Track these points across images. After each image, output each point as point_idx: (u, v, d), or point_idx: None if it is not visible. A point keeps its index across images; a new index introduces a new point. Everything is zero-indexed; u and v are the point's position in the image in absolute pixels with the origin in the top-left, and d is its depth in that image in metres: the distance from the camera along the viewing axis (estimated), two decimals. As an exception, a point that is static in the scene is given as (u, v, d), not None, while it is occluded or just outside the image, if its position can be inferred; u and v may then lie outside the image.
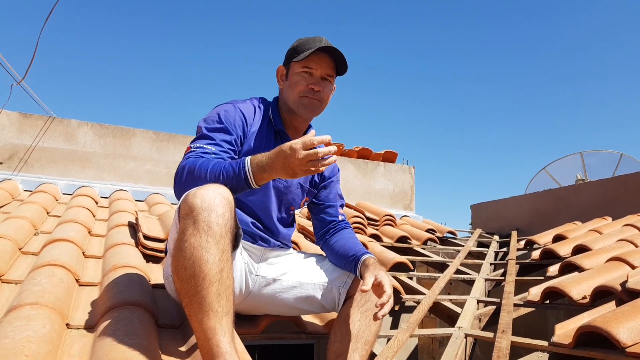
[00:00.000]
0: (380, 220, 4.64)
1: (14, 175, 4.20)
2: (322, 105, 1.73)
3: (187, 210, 1.24)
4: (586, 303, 2.23)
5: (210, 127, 1.59)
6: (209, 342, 1.16)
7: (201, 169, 1.41)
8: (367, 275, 1.54)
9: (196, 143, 1.55)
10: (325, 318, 2.11)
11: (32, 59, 4.11)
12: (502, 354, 1.80)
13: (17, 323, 1.26)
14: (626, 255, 2.56)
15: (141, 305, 1.52)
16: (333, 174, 1.94)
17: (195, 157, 1.47)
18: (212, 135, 1.57)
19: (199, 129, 1.60)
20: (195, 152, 1.51)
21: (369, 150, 6.13)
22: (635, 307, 1.74)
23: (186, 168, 1.43)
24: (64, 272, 1.82)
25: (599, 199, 4.84)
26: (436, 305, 2.62)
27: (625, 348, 1.56)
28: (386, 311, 1.47)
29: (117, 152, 4.62)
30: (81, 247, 2.33)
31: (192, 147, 1.54)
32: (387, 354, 1.83)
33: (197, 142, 1.56)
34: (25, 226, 2.62)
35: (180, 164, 1.48)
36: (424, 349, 3.70)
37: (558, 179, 7.81)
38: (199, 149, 1.52)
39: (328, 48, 1.64)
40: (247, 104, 1.72)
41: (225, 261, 1.23)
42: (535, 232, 4.63)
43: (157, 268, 2.29)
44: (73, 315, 1.54)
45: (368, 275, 1.53)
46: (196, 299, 1.18)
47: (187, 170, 1.43)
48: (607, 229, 3.73)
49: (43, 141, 4.38)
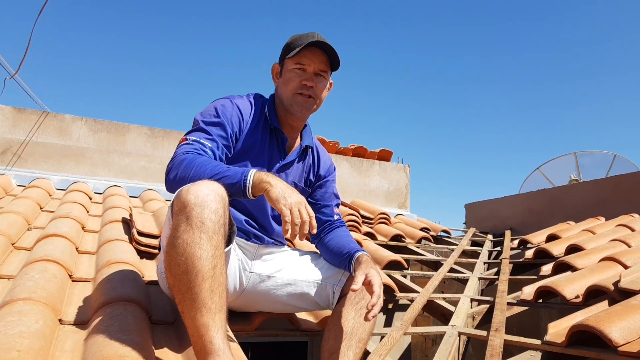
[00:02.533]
0: (375, 219, 4.64)
1: (7, 170, 4.17)
2: (317, 102, 1.72)
3: (181, 207, 1.23)
4: (579, 302, 2.24)
5: (207, 121, 1.58)
6: (202, 339, 1.16)
7: (200, 168, 1.39)
8: (358, 274, 1.53)
9: (192, 135, 1.54)
10: (319, 316, 2.11)
11: (26, 52, 4.10)
12: (495, 352, 1.80)
13: (10, 318, 1.25)
14: (619, 255, 2.57)
15: (135, 301, 1.52)
16: (329, 173, 1.93)
17: (194, 153, 1.46)
18: (209, 130, 1.56)
19: (196, 121, 1.60)
20: (192, 145, 1.50)
21: (364, 148, 6.13)
22: (628, 307, 1.75)
23: (184, 164, 1.42)
24: (57, 268, 1.81)
25: (593, 199, 4.86)
26: (430, 303, 2.63)
27: (618, 347, 1.57)
28: (376, 312, 1.47)
29: (111, 148, 4.60)
30: (75, 243, 2.32)
31: (188, 139, 1.53)
32: (381, 351, 1.83)
33: (194, 134, 1.55)
34: (19, 221, 2.60)
35: (175, 156, 1.46)
36: (417, 347, 3.71)
37: (552, 179, 7.84)
38: (196, 143, 1.51)
39: (320, 43, 1.63)
40: (244, 100, 1.72)
41: (218, 257, 1.22)
42: (529, 231, 4.65)
43: (151, 264, 2.29)
44: (66, 311, 1.53)
45: (359, 274, 1.53)
46: (189, 295, 1.18)
47: (184, 165, 1.41)
48: (600, 229, 3.75)
49: (37, 136, 4.35)
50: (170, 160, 1.47)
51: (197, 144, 1.51)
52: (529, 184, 8.15)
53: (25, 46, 4.10)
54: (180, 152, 1.47)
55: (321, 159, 1.90)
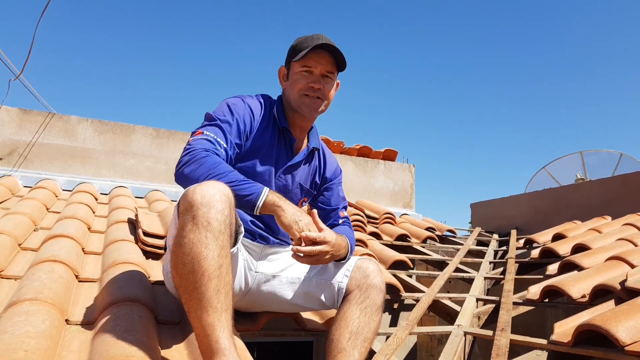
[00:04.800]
0: (380, 219, 4.64)
1: (13, 171, 4.19)
2: (325, 103, 1.73)
3: (187, 206, 1.24)
4: (585, 302, 2.23)
5: (220, 118, 1.60)
6: (208, 338, 1.16)
7: (218, 175, 1.40)
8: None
9: (208, 130, 1.55)
10: (324, 315, 2.11)
11: (29, 52, 4.11)
12: (501, 352, 1.80)
13: (17, 318, 1.26)
14: (626, 255, 2.56)
15: (141, 301, 1.52)
16: (335, 176, 1.93)
17: (212, 153, 1.47)
18: (223, 126, 1.58)
19: (210, 116, 1.61)
20: (210, 142, 1.51)
21: (369, 148, 6.13)
22: (635, 306, 1.74)
23: (204, 163, 1.42)
24: (64, 268, 1.82)
25: (599, 198, 4.84)
26: (435, 303, 2.62)
27: (625, 347, 1.56)
28: (301, 251, 1.44)
29: (117, 149, 4.61)
30: (81, 243, 2.33)
31: (204, 132, 1.54)
32: (386, 351, 1.83)
33: (209, 129, 1.56)
34: (25, 222, 2.62)
35: (194, 148, 1.47)
36: (422, 347, 3.70)
37: (558, 178, 7.81)
38: (213, 140, 1.52)
39: (326, 45, 1.63)
40: (254, 99, 1.73)
41: (224, 257, 1.22)
42: (535, 231, 4.63)
43: (156, 264, 2.29)
44: (72, 311, 1.54)
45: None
46: (195, 295, 1.18)
47: (205, 165, 1.42)
48: (607, 228, 3.73)
49: (43, 137, 4.37)
50: (187, 152, 1.47)
51: (215, 141, 1.52)
52: (535, 183, 8.12)
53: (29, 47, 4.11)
54: (199, 148, 1.47)
55: (327, 162, 1.91)
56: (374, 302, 1.59)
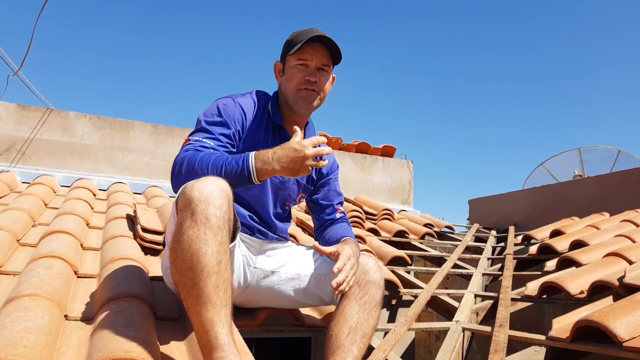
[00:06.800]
0: (378, 215, 4.65)
1: (11, 167, 4.19)
2: (320, 97, 1.72)
3: (185, 203, 1.23)
4: (583, 298, 2.23)
5: (209, 121, 1.59)
6: (207, 334, 1.16)
7: (202, 163, 1.40)
8: (332, 247, 1.58)
9: (195, 136, 1.55)
10: (323, 311, 2.11)
11: (28, 48, 4.10)
12: (499, 347, 1.80)
13: (16, 314, 1.26)
14: (623, 251, 2.56)
15: (140, 297, 1.52)
16: (331, 172, 1.93)
17: (194, 150, 1.47)
18: (211, 129, 1.57)
19: (199, 121, 1.60)
20: (193, 145, 1.51)
21: (367, 144, 6.13)
22: (633, 302, 1.75)
23: (185, 161, 1.43)
24: (62, 264, 1.82)
25: (597, 194, 4.85)
26: (434, 299, 2.63)
27: (623, 342, 1.57)
28: (341, 288, 1.48)
29: (115, 145, 4.61)
30: (79, 239, 2.32)
31: (190, 140, 1.53)
32: (385, 347, 1.83)
33: (196, 134, 1.55)
34: (23, 218, 2.62)
35: (178, 156, 1.47)
36: (420, 343, 3.71)
37: (556, 174, 7.81)
38: (197, 142, 1.51)
39: (321, 37, 1.63)
40: (246, 98, 1.72)
41: (223, 253, 1.23)
42: (533, 227, 4.64)
43: (155, 260, 2.29)
44: (71, 307, 1.54)
45: (332, 247, 1.58)
46: (194, 291, 1.18)
47: (186, 163, 1.42)
48: (605, 224, 3.74)
49: (41, 133, 4.36)
50: (174, 165, 1.47)
51: (198, 143, 1.51)
52: (533, 180, 8.12)
53: (28, 42, 4.10)
54: (182, 153, 1.48)
55: (324, 157, 1.90)
56: (373, 298, 1.59)
